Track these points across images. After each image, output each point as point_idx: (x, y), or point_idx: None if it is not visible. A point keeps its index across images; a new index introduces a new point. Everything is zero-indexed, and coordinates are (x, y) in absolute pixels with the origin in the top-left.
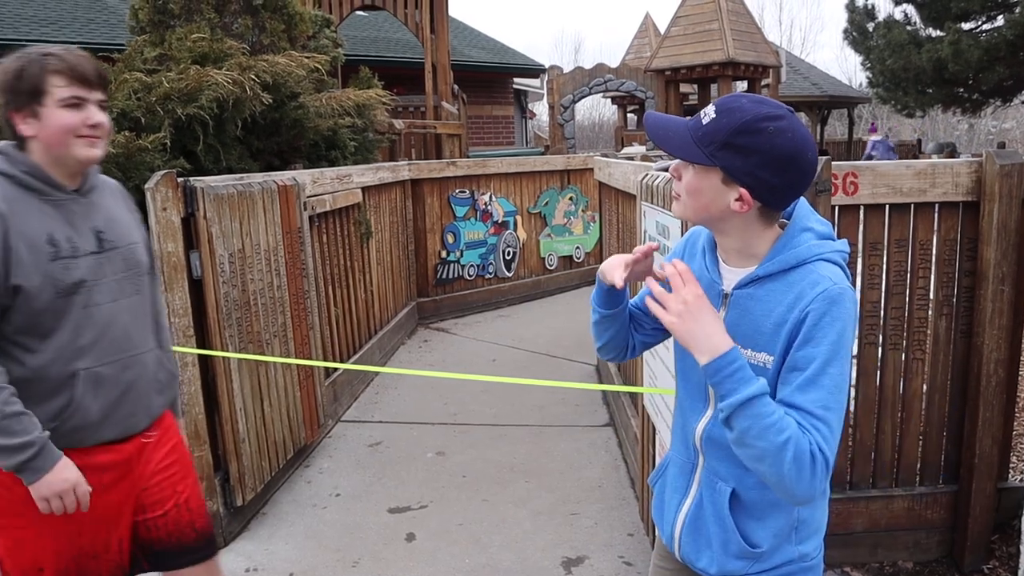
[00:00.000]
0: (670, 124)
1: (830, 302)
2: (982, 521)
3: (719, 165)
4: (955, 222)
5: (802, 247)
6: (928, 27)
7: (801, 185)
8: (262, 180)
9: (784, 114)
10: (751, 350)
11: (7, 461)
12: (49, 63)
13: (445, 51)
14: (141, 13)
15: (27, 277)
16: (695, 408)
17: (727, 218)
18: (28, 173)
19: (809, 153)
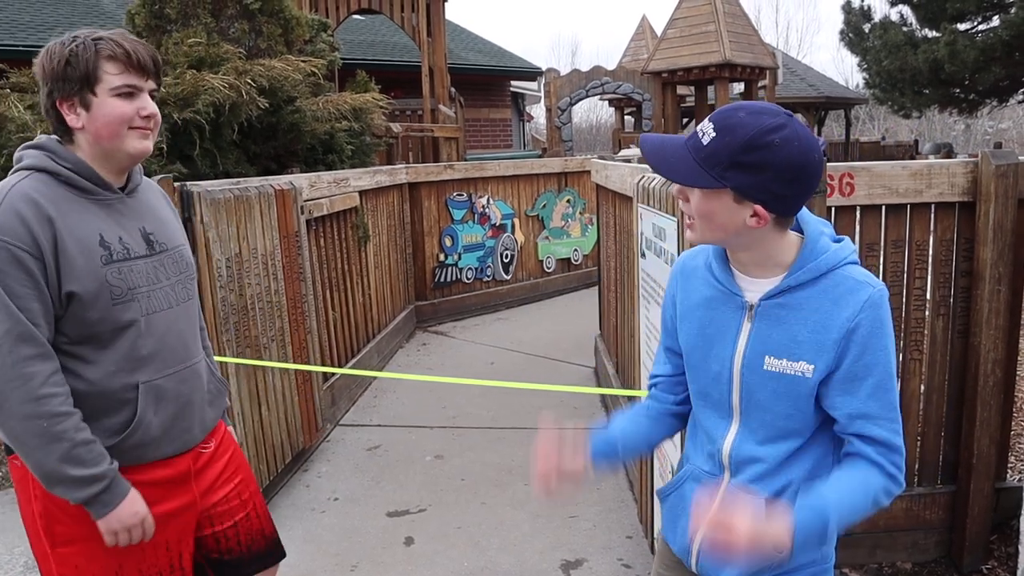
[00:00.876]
0: (668, 148)
1: (878, 307)
2: (980, 521)
3: (729, 186)
4: (951, 222)
5: (829, 253)
6: (924, 28)
7: (812, 187)
8: (259, 184)
9: (785, 121)
10: (787, 360)
11: (77, 493)
12: (103, 48)
13: (442, 54)
14: (138, 18)
15: (81, 283)
16: (718, 425)
17: (745, 234)
18: (75, 171)
19: (816, 155)
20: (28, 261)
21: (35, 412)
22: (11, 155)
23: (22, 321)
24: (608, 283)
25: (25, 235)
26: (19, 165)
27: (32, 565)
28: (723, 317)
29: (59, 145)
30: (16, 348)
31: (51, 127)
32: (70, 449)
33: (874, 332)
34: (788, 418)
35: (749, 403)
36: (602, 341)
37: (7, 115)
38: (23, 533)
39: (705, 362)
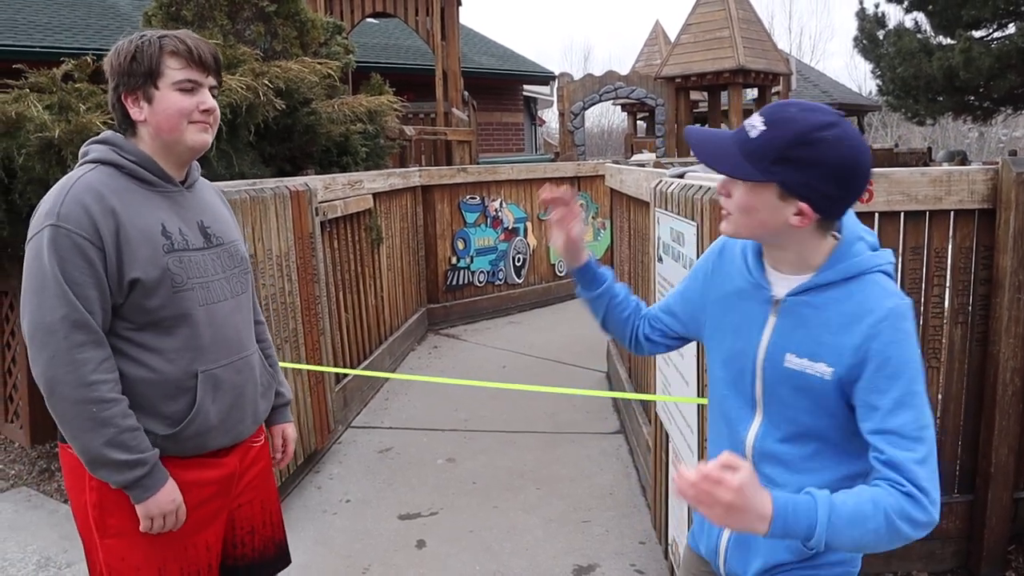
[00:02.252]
0: (714, 139)
1: (901, 318)
2: (998, 531)
3: (776, 180)
4: (971, 230)
5: (862, 257)
6: (939, 35)
7: (860, 191)
8: (274, 186)
9: (837, 120)
10: (808, 359)
11: (119, 477)
12: (167, 44)
13: (456, 58)
14: (154, 20)
15: (144, 270)
16: (742, 417)
17: (784, 233)
18: (138, 163)
19: (865, 159)
20: (89, 250)
21: (85, 397)
22: (30, 154)
23: (78, 308)
24: None
25: (87, 224)
26: (85, 159)
27: (44, 563)
28: (750, 309)
29: (123, 139)
30: (71, 334)
31: (116, 121)
32: (116, 435)
33: (894, 344)
34: (810, 414)
35: (771, 397)
36: (615, 346)
37: (26, 115)
38: (36, 532)
39: (732, 352)
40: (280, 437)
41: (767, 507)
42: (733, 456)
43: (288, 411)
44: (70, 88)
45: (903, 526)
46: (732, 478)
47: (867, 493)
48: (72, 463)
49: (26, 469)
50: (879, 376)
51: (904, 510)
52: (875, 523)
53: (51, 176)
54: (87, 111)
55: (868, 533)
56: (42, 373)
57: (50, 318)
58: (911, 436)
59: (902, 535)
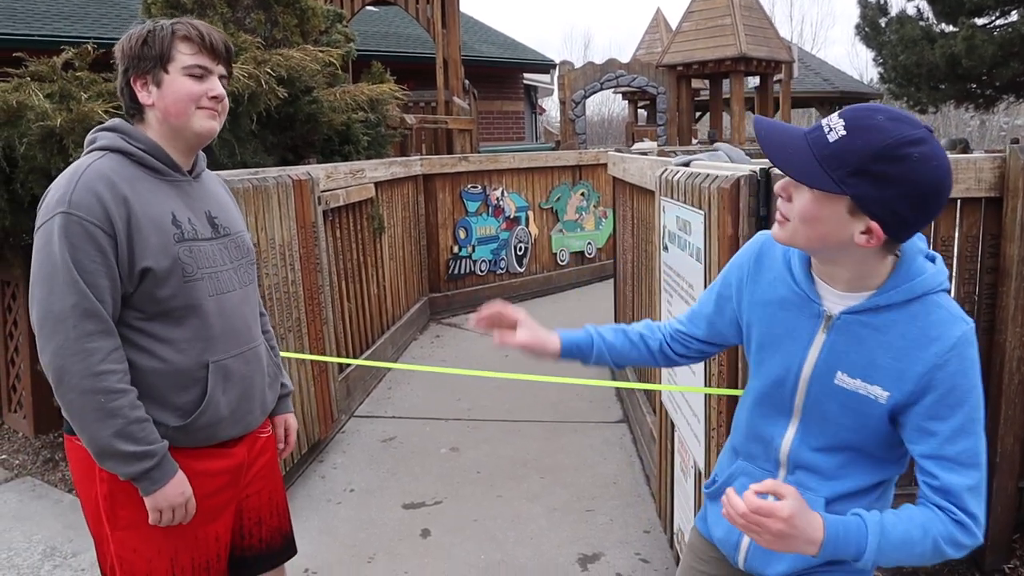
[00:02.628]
0: (786, 136)
1: (970, 345)
2: (1003, 520)
3: (850, 193)
4: (977, 218)
5: (924, 276)
6: (941, 22)
7: (936, 214)
8: (277, 174)
9: (926, 136)
10: (860, 380)
11: (128, 468)
12: (179, 29)
13: (456, 46)
14: (154, 8)
15: (156, 259)
16: (776, 421)
17: (845, 249)
18: (147, 151)
19: (949, 183)
20: (100, 237)
21: (93, 387)
22: (31, 143)
23: (88, 297)
24: (625, 277)
25: (100, 212)
26: (93, 146)
27: (49, 553)
28: (796, 322)
29: (131, 127)
30: (81, 323)
31: (124, 106)
32: (125, 425)
33: (962, 372)
34: (853, 431)
35: (814, 410)
36: None
37: (27, 103)
38: (41, 522)
39: (770, 363)
40: (282, 428)
41: (818, 532)
42: (778, 484)
43: (289, 402)
44: (71, 77)
45: (947, 549)
46: (783, 508)
47: (918, 518)
48: (80, 455)
49: (30, 459)
50: (942, 405)
51: (952, 536)
52: (922, 548)
53: (52, 165)
54: (88, 100)
55: (913, 556)
56: (50, 362)
57: (59, 306)
58: (967, 463)
59: (944, 556)
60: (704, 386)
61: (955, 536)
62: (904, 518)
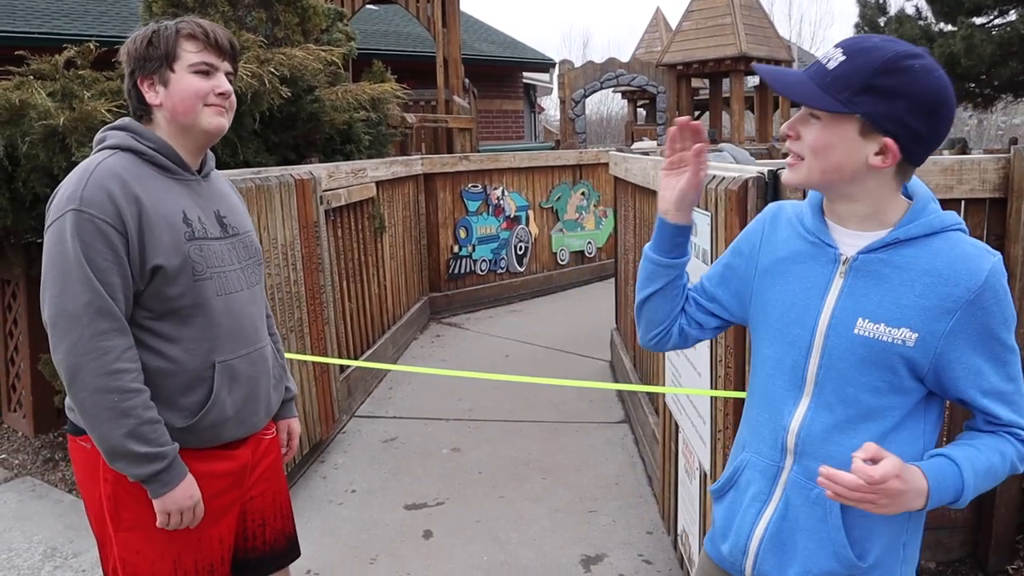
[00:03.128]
0: (790, 75)
1: (1002, 276)
2: (1006, 520)
3: (859, 112)
4: (982, 219)
5: (943, 214)
6: (940, 22)
7: (945, 132)
8: (279, 174)
9: (923, 51)
10: (885, 324)
11: (138, 470)
12: (183, 27)
13: (456, 45)
14: (155, 6)
15: (167, 257)
16: (786, 399)
17: (860, 178)
18: (157, 150)
19: (952, 94)
20: (112, 235)
21: (107, 386)
22: (34, 142)
23: (102, 295)
24: (627, 277)
25: (111, 210)
26: (102, 145)
27: (50, 553)
28: (811, 272)
29: (140, 126)
30: (95, 321)
31: (131, 107)
32: (137, 426)
33: (997, 306)
34: (874, 392)
35: (828, 373)
36: (619, 334)
37: (29, 102)
38: (42, 522)
39: (784, 323)
40: (285, 432)
41: (922, 481)
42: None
43: (293, 406)
44: (73, 75)
45: (1021, 465)
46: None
47: (994, 443)
48: (83, 456)
49: (30, 458)
50: (983, 340)
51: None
52: (1003, 471)
53: (55, 164)
54: (91, 98)
55: (997, 480)
56: (63, 360)
57: (73, 304)
58: (1009, 392)
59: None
60: (710, 388)
61: None
62: (982, 447)
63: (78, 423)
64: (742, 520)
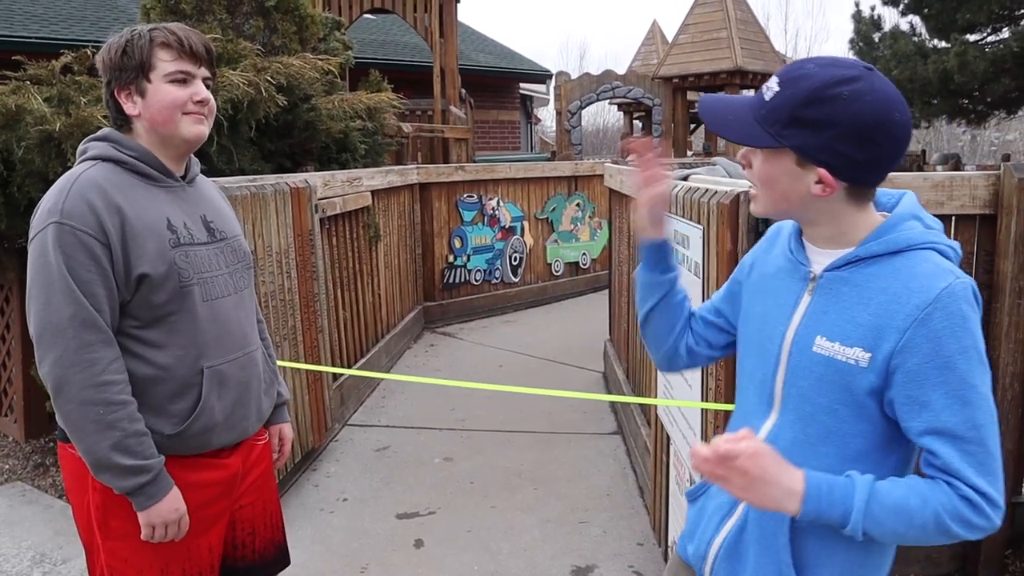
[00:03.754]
0: (728, 105)
1: (958, 300)
2: (996, 536)
3: (789, 145)
4: (972, 235)
5: (913, 231)
6: (934, 38)
7: (894, 154)
8: (275, 182)
9: (860, 74)
10: (839, 343)
11: (122, 482)
12: (156, 36)
13: (453, 55)
14: (152, 12)
15: (152, 265)
16: (756, 413)
17: (812, 205)
18: (139, 159)
19: (896, 115)
20: (94, 247)
21: (94, 398)
22: (29, 147)
23: (86, 307)
24: (620, 288)
25: (92, 221)
26: (84, 156)
27: (39, 559)
28: (785, 288)
29: (121, 135)
30: (80, 334)
31: (111, 117)
32: (123, 438)
33: (950, 330)
34: (832, 413)
35: (791, 390)
36: (612, 346)
37: (25, 107)
38: (31, 527)
39: (759, 337)
40: (277, 437)
41: (797, 483)
42: (748, 430)
43: (286, 411)
44: (69, 80)
45: (955, 527)
46: (745, 445)
47: (919, 486)
48: (73, 464)
49: (20, 464)
50: (930, 368)
51: (959, 512)
52: (922, 519)
53: (50, 170)
54: (88, 104)
55: (913, 528)
56: (49, 373)
57: (58, 317)
58: (969, 436)
59: (952, 535)
60: (701, 400)
61: (962, 513)
62: (903, 484)
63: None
64: (706, 527)
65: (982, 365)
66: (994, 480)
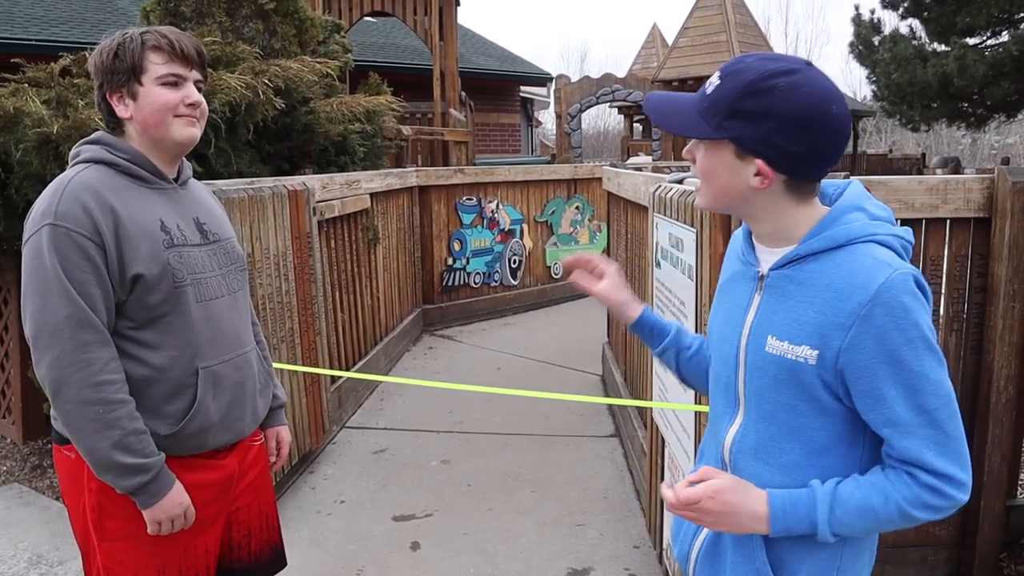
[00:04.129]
0: (673, 101)
1: (898, 292)
2: (990, 539)
3: (728, 136)
4: (966, 238)
5: (853, 225)
6: (934, 42)
7: (832, 148)
8: (272, 184)
9: (797, 67)
10: (788, 342)
11: (124, 482)
12: (148, 39)
13: (453, 58)
14: (152, 15)
15: (146, 265)
16: (725, 414)
17: (751, 199)
18: (132, 161)
19: (833, 107)
20: (89, 248)
21: (92, 398)
22: (27, 149)
23: (82, 307)
24: None
25: (87, 223)
26: (77, 159)
27: (36, 561)
28: (740, 290)
29: (114, 138)
30: (77, 334)
31: (103, 120)
32: (122, 437)
33: (893, 323)
34: (792, 411)
35: (751, 390)
36: (610, 349)
37: (24, 109)
38: (28, 528)
39: (719, 340)
40: (275, 440)
41: (760, 506)
42: (708, 469)
43: (283, 413)
44: (68, 83)
45: (918, 513)
46: (707, 487)
47: (880, 483)
48: (68, 465)
49: (18, 465)
50: (876, 363)
51: (920, 499)
52: (887, 515)
53: (48, 172)
54: (85, 106)
55: (880, 523)
56: (47, 374)
57: (54, 318)
58: (923, 423)
59: (920, 521)
60: (694, 403)
61: (925, 500)
62: (864, 484)
63: (63, 432)
64: (688, 528)
65: (931, 351)
66: (955, 458)
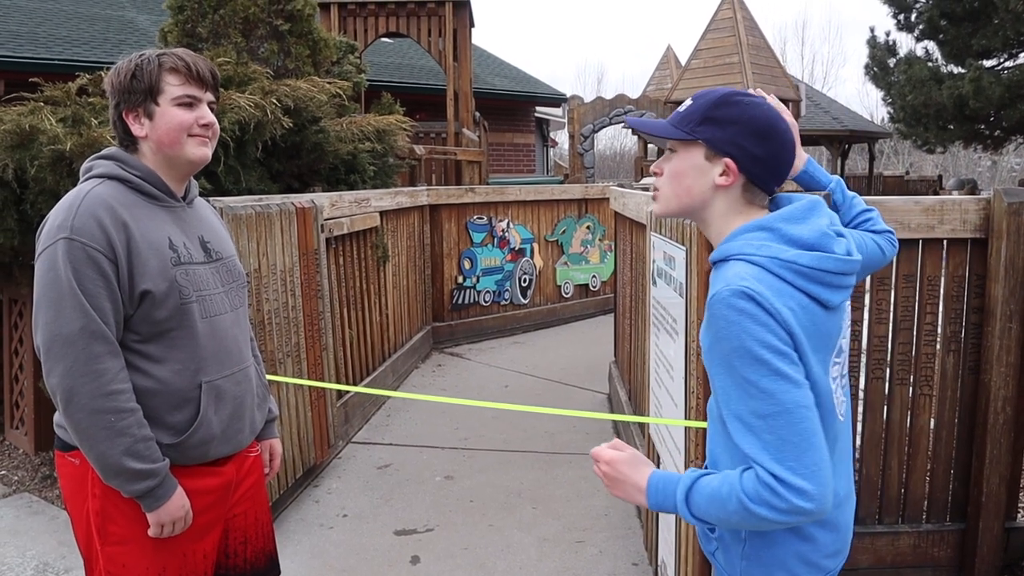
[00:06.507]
0: (651, 121)
1: (722, 304)
2: (989, 561)
3: (701, 138)
4: (963, 259)
5: (735, 242)
6: (949, 64)
7: (781, 160)
8: (280, 201)
9: (757, 97)
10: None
11: (133, 486)
12: (165, 61)
13: (467, 79)
14: (170, 36)
15: (154, 282)
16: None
17: (710, 201)
18: (143, 178)
19: (782, 125)
20: (102, 262)
21: (104, 407)
22: (42, 166)
23: (95, 319)
24: (623, 310)
25: (101, 238)
26: (90, 174)
27: (42, 569)
28: None
29: (127, 155)
30: (90, 345)
31: (118, 138)
32: (132, 444)
33: (723, 332)
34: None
35: None
36: (616, 367)
37: (39, 127)
38: (36, 537)
39: None
40: (268, 452)
41: (643, 481)
42: (618, 442)
43: (275, 427)
44: (84, 102)
45: (760, 510)
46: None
47: (731, 476)
48: (71, 472)
49: (28, 475)
50: (709, 363)
51: (760, 496)
52: (732, 505)
53: (61, 188)
54: (99, 124)
55: (728, 513)
56: (59, 384)
57: (68, 329)
58: (758, 426)
59: (762, 518)
60: (685, 418)
61: (764, 496)
62: (721, 476)
63: (67, 439)
64: None
65: (757, 362)
66: (793, 465)
